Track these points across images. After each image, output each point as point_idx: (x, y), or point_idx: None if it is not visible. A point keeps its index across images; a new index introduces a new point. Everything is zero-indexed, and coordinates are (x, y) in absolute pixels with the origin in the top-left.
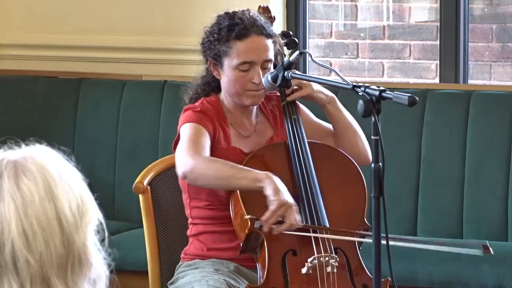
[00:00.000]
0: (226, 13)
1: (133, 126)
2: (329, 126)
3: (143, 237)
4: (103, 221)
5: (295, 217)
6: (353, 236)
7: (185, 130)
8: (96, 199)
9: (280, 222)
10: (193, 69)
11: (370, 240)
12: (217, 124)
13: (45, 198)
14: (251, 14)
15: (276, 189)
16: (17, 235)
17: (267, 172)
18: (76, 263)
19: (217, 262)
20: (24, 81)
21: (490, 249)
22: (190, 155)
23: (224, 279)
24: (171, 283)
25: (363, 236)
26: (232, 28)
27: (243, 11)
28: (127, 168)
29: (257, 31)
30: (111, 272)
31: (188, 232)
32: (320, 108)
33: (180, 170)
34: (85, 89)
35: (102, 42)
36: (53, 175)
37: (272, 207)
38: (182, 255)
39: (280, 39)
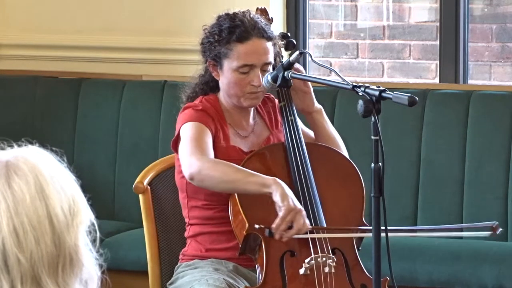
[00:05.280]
0: (227, 14)
1: (133, 126)
2: (312, 133)
3: (143, 237)
4: (95, 222)
5: (304, 222)
6: (356, 232)
7: (187, 129)
8: (89, 199)
9: (289, 227)
10: (193, 69)
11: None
12: (217, 123)
13: (36, 197)
14: (251, 16)
15: (284, 195)
16: (8, 233)
17: (275, 178)
18: (67, 263)
19: (216, 261)
20: (24, 81)
21: (498, 229)
22: (195, 156)
23: (223, 278)
24: (171, 283)
25: (364, 231)
26: (233, 30)
27: (243, 12)
28: (127, 168)
29: (258, 34)
30: (102, 273)
31: (186, 234)
32: (304, 116)
33: (186, 171)
34: (85, 89)
35: (102, 42)
36: (44, 175)
37: (281, 213)
38: (180, 256)
39: (279, 41)
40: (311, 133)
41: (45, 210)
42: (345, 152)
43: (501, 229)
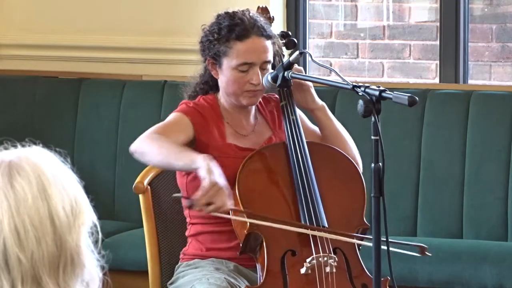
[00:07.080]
0: (226, 13)
1: (133, 126)
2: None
3: (143, 237)
4: (97, 223)
5: (225, 200)
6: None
7: (169, 116)
8: (92, 200)
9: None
10: (193, 69)
11: (353, 240)
12: (211, 122)
13: (38, 197)
14: (251, 14)
15: (209, 170)
16: (9, 232)
17: (205, 155)
18: (68, 263)
19: (217, 261)
20: (24, 81)
21: (427, 253)
22: (149, 133)
23: (225, 277)
24: (171, 283)
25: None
26: (233, 29)
27: (243, 11)
28: (127, 168)
29: (257, 32)
30: (104, 274)
31: (187, 233)
32: (309, 113)
33: (131, 146)
34: (85, 89)
35: (102, 42)
36: (47, 175)
37: (203, 186)
38: (181, 256)
39: (279, 40)
40: (317, 130)
41: (46, 210)
42: (354, 149)
43: (429, 255)
